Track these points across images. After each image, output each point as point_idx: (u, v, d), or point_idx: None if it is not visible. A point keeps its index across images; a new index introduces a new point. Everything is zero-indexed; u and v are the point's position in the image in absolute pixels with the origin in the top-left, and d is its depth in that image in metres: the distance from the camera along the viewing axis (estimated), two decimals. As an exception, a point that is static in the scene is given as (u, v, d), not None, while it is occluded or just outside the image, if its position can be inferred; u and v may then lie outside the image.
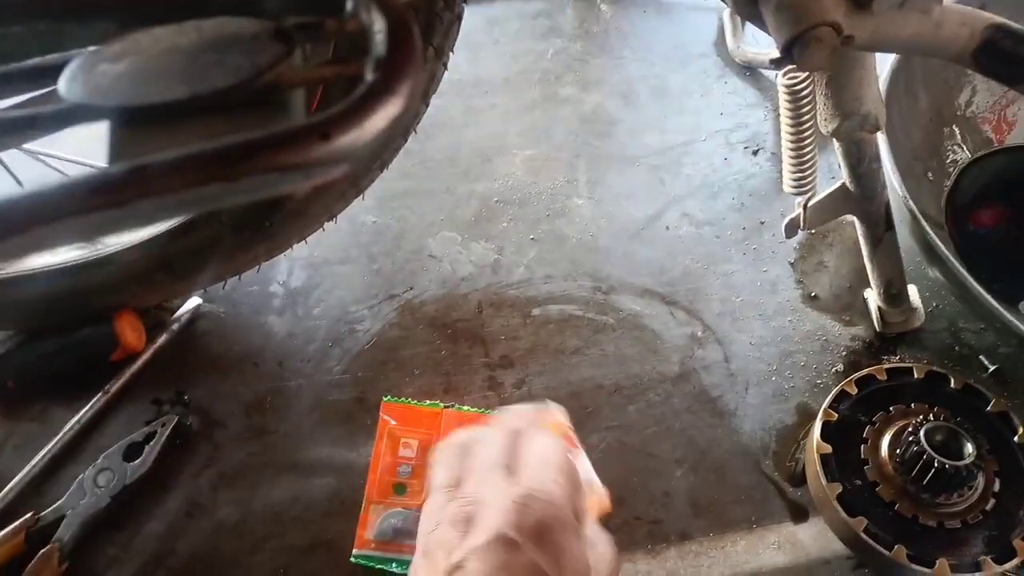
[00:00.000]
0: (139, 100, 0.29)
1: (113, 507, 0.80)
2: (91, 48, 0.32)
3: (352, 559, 0.73)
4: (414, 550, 0.50)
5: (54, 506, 0.80)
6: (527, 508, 0.43)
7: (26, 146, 0.81)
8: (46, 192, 0.25)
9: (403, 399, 0.83)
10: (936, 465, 0.69)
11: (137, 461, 0.82)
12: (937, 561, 0.69)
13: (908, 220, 0.79)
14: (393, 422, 0.81)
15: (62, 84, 0.30)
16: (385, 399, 0.83)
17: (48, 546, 0.77)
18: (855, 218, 0.81)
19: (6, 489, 0.82)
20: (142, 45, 0.31)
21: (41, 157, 0.88)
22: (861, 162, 0.73)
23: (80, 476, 0.81)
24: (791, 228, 0.80)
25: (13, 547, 0.77)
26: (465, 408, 0.83)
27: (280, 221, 0.80)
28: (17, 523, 0.78)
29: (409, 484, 0.78)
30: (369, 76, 0.29)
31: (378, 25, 0.30)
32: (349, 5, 0.31)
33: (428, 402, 0.83)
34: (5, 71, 0.33)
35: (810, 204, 0.78)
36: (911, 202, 0.77)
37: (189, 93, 0.29)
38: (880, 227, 0.79)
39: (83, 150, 0.87)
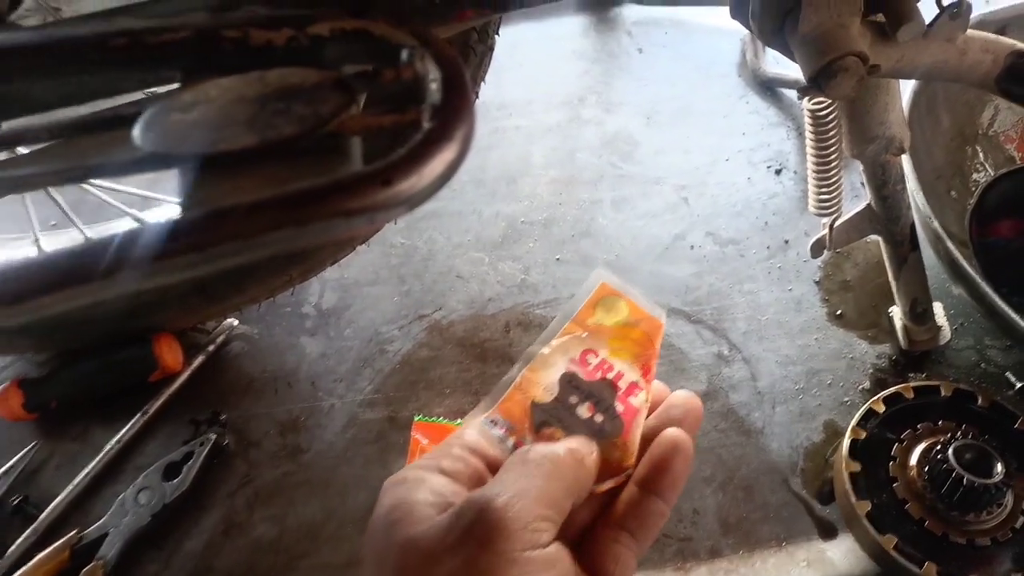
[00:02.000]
0: (211, 148, 0.31)
1: (153, 525, 0.82)
2: (162, 97, 0.34)
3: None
4: None
5: (97, 524, 0.82)
6: None
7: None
8: (134, 236, 0.27)
9: (434, 418, 0.85)
10: (965, 483, 0.69)
11: (176, 480, 0.84)
12: (968, 579, 0.70)
13: (933, 239, 0.80)
14: (425, 441, 0.83)
15: (137, 133, 0.32)
16: (416, 418, 0.84)
17: (92, 563, 0.79)
18: (880, 238, 0.82)
19: (50, 508, 0.84)
20: (211, 95, 0.33)
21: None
22: (886, 184, 0.74)
23: (121, 495, 0.83)
24: (817, 248, 0.81)
25: (59, 563, 0.79)
26: None
27: (314, 246, 0.82)
28: (62, 541, 0.80)
29: None
30: (426, 123, 0.31)
31: (433, 74, 0.32)
32: (404, 55, 0.33)
33: (459, 421, 0.85)
34: (81, 119, 0.35)
35: (836, 225, 0.79)
36: (935, 222, 0.77)
37: (258, 141, 0.31)
38: (905, 247, 0.79)
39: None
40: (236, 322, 0.96)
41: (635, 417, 0.49)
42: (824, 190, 0.75)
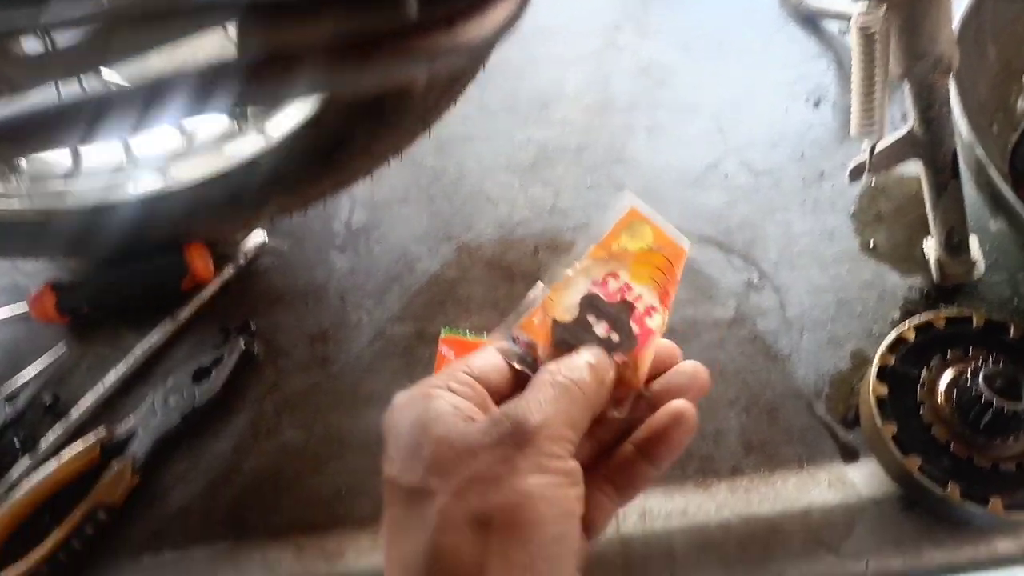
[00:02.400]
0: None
1: (182, 426, 0.84)
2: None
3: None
4: None
5: (127, 423, 0.83)
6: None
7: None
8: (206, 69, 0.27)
9: (461, 331, 0.85)
10: (994, 407, 0.69)
11: (205, 384, 0.85)
12: (991, 500, 0.70)
13: (974, 167, 0.79)
14: (451, 355, 0.83)
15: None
16: (444, 332, 0.85)
17: (122, 459, 0.81)
18: (920, 164, 0.80)
19: (81, 406, 0.86)
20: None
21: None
22: (932, 106, 0.73)
23: (151, 397, 0.85)
24: (856, 172, 0.80)
25: (90, 459, 0.81)
26: None
27: (348, 157, 0.81)
28: (93, 437, 0.82)
29: None
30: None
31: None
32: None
33: (486, 335, 0.85)
34: None
35: (877, 148, 0.77)
36: (979, 148, 0.76)
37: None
38: (946, 173, 0.78)
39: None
40: (266, 236, 0.96)
41: (649, 338, 0.52)
42: (867, 111, 0.74)
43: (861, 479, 0.78)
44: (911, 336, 0.79)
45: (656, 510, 0.77)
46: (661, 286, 0.55)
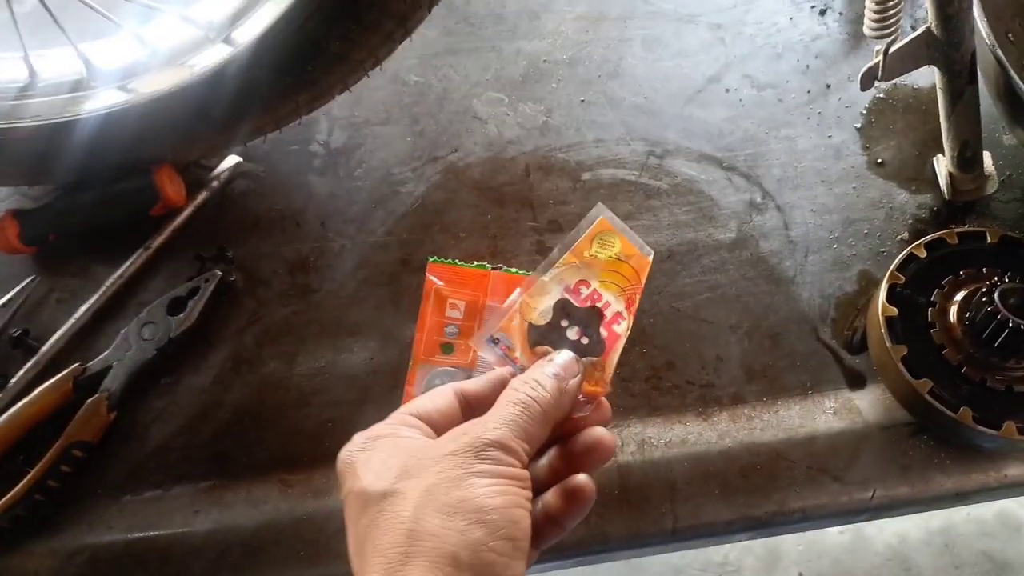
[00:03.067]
0: None
1: (158, 360, 0.80)
2: None
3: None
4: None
5: (100, 357, 0.79)
6: None
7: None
8: None
9: (449, 259, 0.81)
10: (1011, 326, 0.66)
11: (182, 315, 0.81)
12: (1004, 423, 0.67)
13: (993, 72, 0.74)
14: (440, 282, 0.79)
15: None
16: (431, 259, 0.80)
17: (96, 395, 0.77)
18: (936, 70, 0.75)
19: (52, 341, 0.81)
20: None
21: None
22: (951, 1, 0.67)
23: (124, 329, 0.81)
24: (868, 78, 0.75)
25: (62, 395, 0.78)
26: (513, 270, 0.81)
27: (323, 66, 0.75)
28: (65, 372, 0.78)
29: (456, 344, 0.77)
30: None
31: None
32: None
33: (475, 263, 0.81)
34: None
35: (892, 50, 0.72)
36: (999, 50, 0.71)
37: None
38: (963, 79, 0.73)
39: None
40: (240, 159, 0.90)
41: (616, 342, 0.60)
42: (882, 8, 0.68)
43: (867, 406, 0.75)
44: (922, 253, 0.75)
45: (655, 439, 0.75)
46: (628, 294, 0.62)
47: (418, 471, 0.46)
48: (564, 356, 0.55)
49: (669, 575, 1.93)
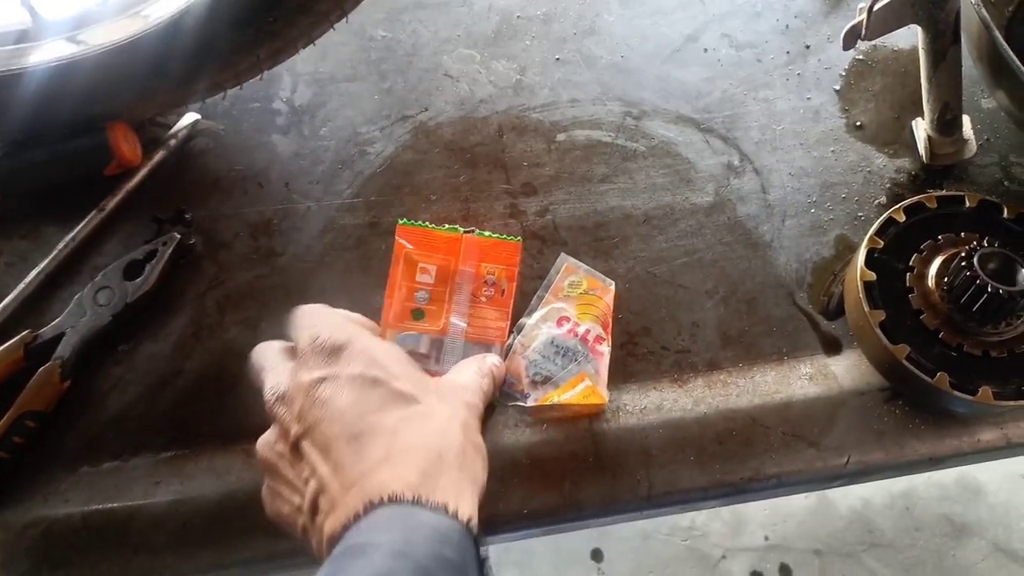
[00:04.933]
0: None
1: (114, 326, 0.76)
2: None
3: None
4: (431, 373, 0.67)
5: (53, 323, 0.76)
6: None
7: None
8: None
9: (420, 222, 0.78)
10: (989, 291, 0.65)
11: (139, 279, 0.77)
12: (980, 388, 0.67)
13: (976, 32, 0.72)
14: (410, 246, 0.76)
15: None
16: (401, 222, 0.78)
17: (49, 363, 0.74)
18: (919, 30, 0.74)
19: (1, 305, 0.77)
20: None
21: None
22: (938, -42, 0.65)
23: (78, 295, 0.77)
24: (851, 36, 0.73)
25: (13, 363, 0.74)
26: (486, 234, 0.78)
27: (285, 18, 0.72)
28: (15, 339, 0.74)
29: (427, 310, 0.75)
30: None
31: None
32: None
33: (447, 226, 0.78)
34: None
35: (876, 8, 0.70)
36: (983, 9, 0.69)
37: None
38: (947, 38, 0.72)
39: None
40: (199, 116, 0.86)
41: (602, 359, 0.73)
42: (868, -36, 0.66)
43: (843, 371, 0.75)
44: (901, 218, 0.74)
45: (630, 406, 0.73)
46: (602, 319, 0.75)
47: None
48: (492, 357, 0.71)
49: (637, 539, 1.95)
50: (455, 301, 0.74)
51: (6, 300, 0.78)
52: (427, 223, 0.78)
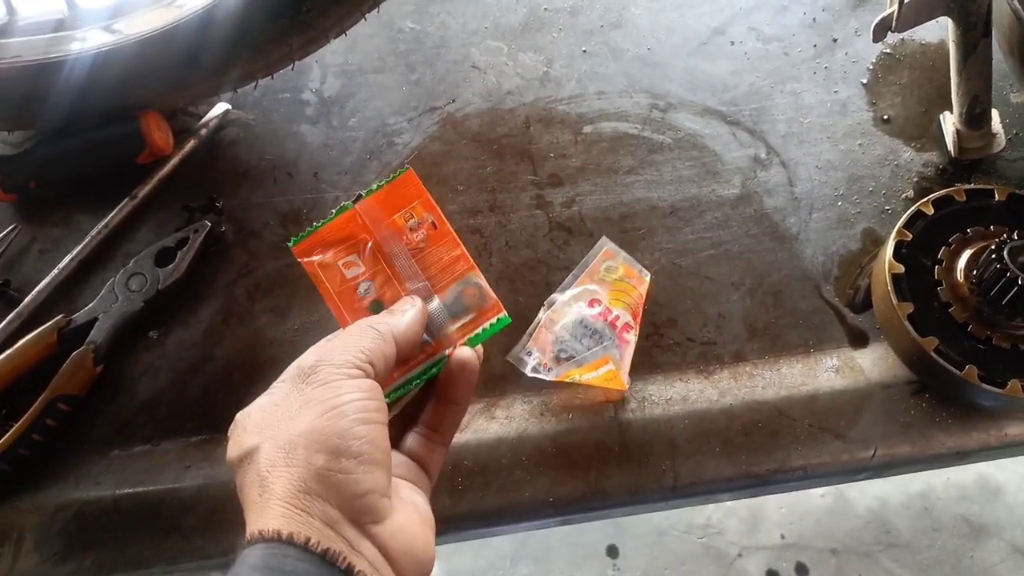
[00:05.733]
0: None
1: (146, 312, 0.78)
2: None
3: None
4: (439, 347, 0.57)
5: (85, 309, 0.77)
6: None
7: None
8: None
9: (308, 229, 0.60)
10: (1020, 284, 0.65)
11: (170, 266, 0.78)
12: (1009, 382, 0.66)
13: (1008, 24, 0.72)
14: (316, 257, 0.62)
15: None
16: (291, 244, 0.62)
17: (82, 347, 0.75)
18: (950, 22, 0.73)
19: (35, 291, 0.79)
20: None
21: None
22: (972, -50, 0.65)
23: (111, 280, 0.78)
24: (881, 28, 0.73)
25: (47, 347, 0.75)
26: (373, 187, 0.61)
27: (319, 7, 0.72)
28: (49, 324, 0.76)
29: (380, 297, 0.60)
30: None
31: None
32: None
33: (333, 212, 0.62)
34: None
35: (907, 1, 0.70)
36: (1016, 2, 0.69)
37: None
38: (977, 31, 0.72)
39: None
40: (229, 106, 0.87)
41: (627, 347, 0.74)
42: (901, -45, 0.66)
43: (870, 364, 0.75)
44: (930, 211, 0.74)
45: (656, 396, 0.74)
46: (633, 309, 0.76)
47: (267, 420, 0.47)
48: (414, 301, 0.56)
49: (652, 536, 1.95)
50: (399, 268, 0.61)
51: (40, 286, 0.79)
52: (316, 224, 0.62)
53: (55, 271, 0.80)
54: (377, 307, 0.61)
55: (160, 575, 0.70)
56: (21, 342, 0.75)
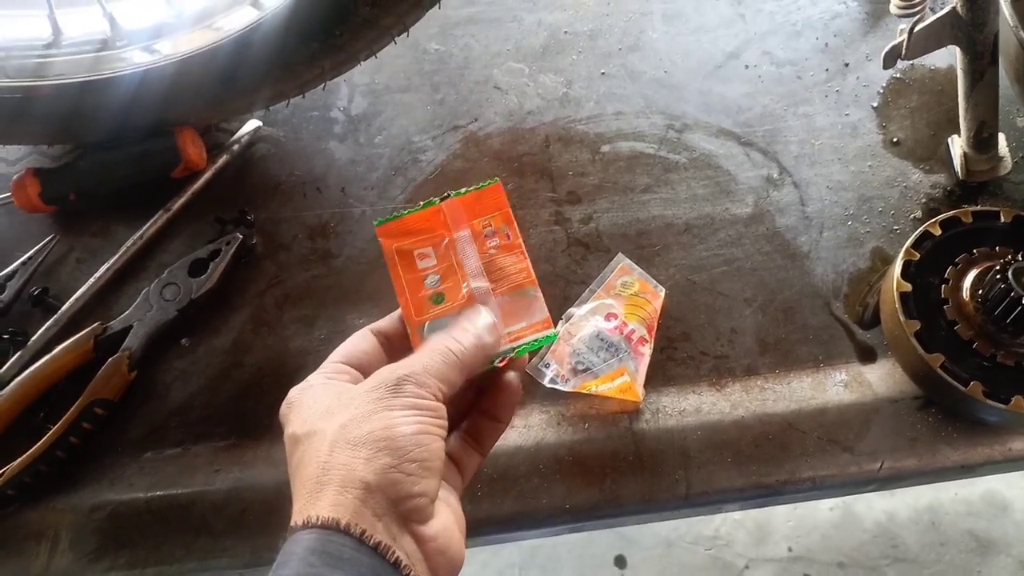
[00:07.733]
0: None
1: (179, 321, 0.81)
2: None
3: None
4: None
5: (121, 317, 0.80)
6: None
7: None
8: None
9: (395, 214, 0.66)
10: (1023, 303, 0.67)
11: (203, 276, 0.82)
12: (1013, 398, 0.69)
13: (1014, 53, 0.75)
14: (396, 241, 0.65)
15: None
16: (376, 223, 0.66)
17: (117, 354, 0.78)
18: (958, 50, 0.76)
19: (72, 299, 0.82)
20: None
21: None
22: (978, -17, 0.68)
23: (145, 290, 0.81)
24: (891, 56, 0.76)
25: (83, 353, 0.78)
26: (462, 191, 0.67)
27: (351, 31, 0.76)
28: (86, 331, 0.79)
29: (444, 290, 0.64)
30: None
31: None
32: None
33: (421, 204, 0.66)
34: None
35: (916, 29, 0.73)
36: (1022, 32, 0.72)
37: None
38: (985, 60, 0.74)
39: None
40: (260, 123, 0.91)
41: (642, 360, 0.77)
42: (910, -12, 0.69)
43: (878, 379, 0.77)
44: (937, 231, 0.77)
45: (669, 408, 0.76)
46: (648, 323, 0.79)
47: (337, 410, 0.50)
48: (484, 318, 0.58)
49: (660, 547, 1.96)
50: (467, 268, 0.65)
51: (77, 294, 0.82)
52: (402, 211, 0.67)
53: (92, 280, 0.83)
54: (437, 299, 0.66)
55: (190, 572, 0.73)
56: (59, 348, 0.78)
